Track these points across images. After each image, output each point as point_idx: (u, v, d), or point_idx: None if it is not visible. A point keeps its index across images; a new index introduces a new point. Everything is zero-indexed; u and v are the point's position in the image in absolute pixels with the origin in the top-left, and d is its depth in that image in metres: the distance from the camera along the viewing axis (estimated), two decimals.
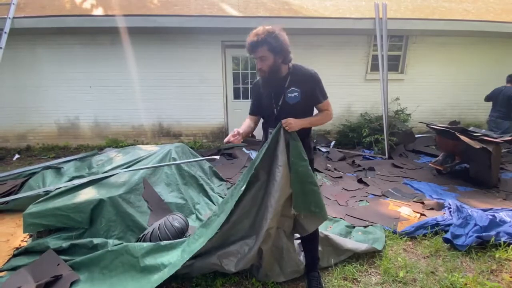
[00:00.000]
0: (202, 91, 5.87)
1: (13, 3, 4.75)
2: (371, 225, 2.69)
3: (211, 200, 3.16)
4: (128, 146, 4.39)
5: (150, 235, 2.15)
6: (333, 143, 5.97)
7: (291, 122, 1.67)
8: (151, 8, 5.44)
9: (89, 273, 1.90)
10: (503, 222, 2.44)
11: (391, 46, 6.09)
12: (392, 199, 3.32)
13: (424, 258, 2.26)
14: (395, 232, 2.57)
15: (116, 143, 5.82)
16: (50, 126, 5.84)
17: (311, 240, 1.94)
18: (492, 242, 2.28)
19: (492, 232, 2.33)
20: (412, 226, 2.59)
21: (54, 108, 5.74)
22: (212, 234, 1.75)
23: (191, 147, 4.29)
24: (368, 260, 2.20)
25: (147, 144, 5.73)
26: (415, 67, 6.20)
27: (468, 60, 6.26)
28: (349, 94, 6.17)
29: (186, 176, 3.19)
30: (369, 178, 4.03)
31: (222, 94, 5.96)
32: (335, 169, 4.51)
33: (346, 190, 3.64)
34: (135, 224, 2.37)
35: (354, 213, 2.95)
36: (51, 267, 1.93)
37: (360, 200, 3.31)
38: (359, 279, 2.01)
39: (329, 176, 4.16)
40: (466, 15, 5.82)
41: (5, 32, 4.47)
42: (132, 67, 5.63)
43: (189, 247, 1.82)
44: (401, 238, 2.49)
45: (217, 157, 4.50)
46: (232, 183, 3.71)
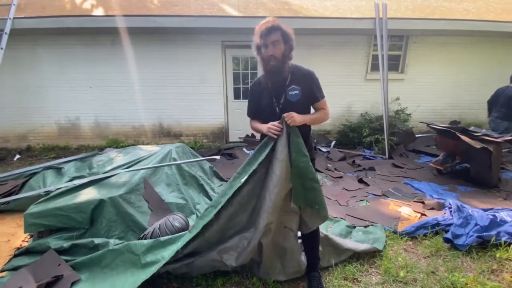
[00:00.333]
0: (202, 91, 5.88)
1: (13, 4, 4.76)
2: (372, 225, 2.69)
3: (212, 200, 3.16)
4: (129, 146, 4.39)
5: (151, 235, 2.15)
6: (333, 143, 5.97)
7: (294, 115, 1.68)
8: (151, 8, 5.45)
9: (90, 272, 1.90)
10: (503, 222, 2.44)
11: (391, 46, 6.09)
12: (392, 199, 3.32)
13: (425, 258, 2.26)
14: (395, 232, 2.57)
15: (116, 143, 5.82)
16: (50, 126, 5.85)
17: (312, 240, 1.94)
18: (493, 242, 2.28)
19: (493, 232, 2.33)
20: (412, 226, 2.59)
21: (54, 109, 5.75)
22: (207, 221, 1.77)
23: (191, 147, 4.29)
24: (369, 260, 2.21)
25: (147, 144, 5.74)
26: (415, 67, 6.20)
27: (468, 59, 6.26)
28: (349, 94, 6.17)
29: (186, 176, 3.19)
30: (369, 178, 4.03)
31: (222, 94, 5.97)
32: (335, 169, 4.51)
33: (347, 190, 3.64)
34: (136, 224, 2.38)
35: (354, 213, 2.95)
36: (52, 267, 1.93)
37: (361, 200, 3.31)
38: (359, 279, 2.01)
39: (329, 176, 4.16)
40: (467, 15, 5.82)
41: (5, 33, 4.48)
42: (133, 67, 5.64)
43: (187, 238, 1.83)
44: (401, 238, 2.49)
45: (217, 157, 4.51)
46: None
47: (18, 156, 5.39)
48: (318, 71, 1.83)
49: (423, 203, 3.14)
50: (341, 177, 4.15)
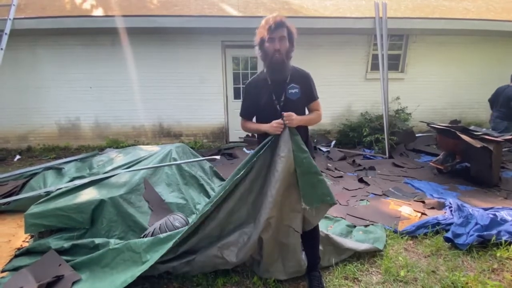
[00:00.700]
0: (202, 91, 5.88)
1: (13, 4, 4.76)
2: (372, 224, 2.69)
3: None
4: (129, 146, 4.39)
5: (151, 235, 2.15)
6: (333, 142, 5.97)
7: (293, 117, 1.70)
8: (151, 8, 5.45)
9: (90, 272, 1.91)
10: (504, 221, 2.44)
11: (391, 45, 6.08)
12: (392, 198, 3.32)
13: (425, 257, 2.26)
14: (396, 232, 2.57)
15: (116, 144, 5.83)
16: (51, 126, 5.85)
17: (313, 239, 1.94)
18: (493, 241, 2.28)
19: (493, 231, 2.33)
20: (413, 225, 2.59)
21: (54, 109, 5.75)
22: (206, 213, 1.79)
23: (191, 147, 4.29)
24: (369, 260, 2.21)
25: (147, 144, 5.73)
26: (416, 66, 6.20)
27: (468, 59, 6.25)
28: (349, 93, 6.17)
29: (186, 176, 3.19)
30: (369, 177, 4.03)
31: (222, 94, 5.97)
32: (335, 168, 4.51)
33: (347, 189, 3.64)
34: (136, 224, 2.38)
35: (355, 212, 2.95)
36: (53, 267, 1.93)
37: (361, 200, 3.31)
38: (360, 278, 2.01)
39: (329, 175, 4.16)
40: (466, 14, 5.82)
41: (5, 33, 4.48)
42: (133, 67, 5.64)
43: (186, 231, 1.84)
44: (402, 238, 2.49)
45: (217, 157, 4.51)
46: None
47: (18, 157, 5.39)
48: (318, 70, 1.85)
49: (423, 202, 3.14)
50: (341, 176, 4.15)
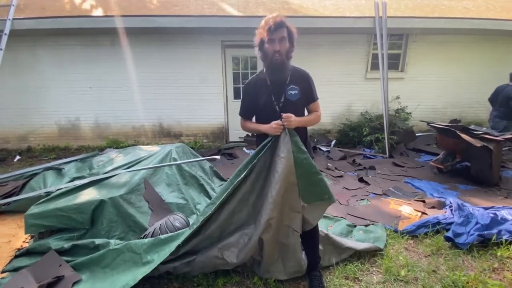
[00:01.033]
0: (202, 91, 5.88)
1: (12, 5, 4.76)
2: (372, 224, 2.69)
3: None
4: (129, 146, 4.39)
5: (151, 235, 2.15)
6: (333, 142, 5.96)
7: (291, 119, 1.69)
8: (151, 8, 5.45)
9: (90, 272, 1.91)
10: (504, 220, 2.43)
11: (391, 45, 6.08)
12: (393, 198, 3.32)
13: (426, 256, 2.25)
14: (396, 231, 2.57)
15: (116, 144, 5.82)
16: (51, 127, 5.85)
17: (312, 239, 1.94)
18: (494, 240, 2.28)
19: (494, 230, 2.33)
20: (413, 224, 2.59)
21: (54, 109, 5.75)
22: (207, 216, 1.79)
23: (191, 147, 4.29)
24: (370, 259, 2.20)
25: (147, 144, 5.73)
26: (415, 65, 6.19)
27: (468, 58, 6.25)
28: (349, 93, 6.17)
29: (186, 176, 3.19)
30: (370, 177, 4.03)
31: (222, 94, 5.96)
32: (335, 168, 4.51)
33: (347, 189, 3.64)
34: (136, 224, 2.38)
35: (355, 212, 2.95)
36: (53, 268, 1.93)
37: (361, 199, 3.31)
38: (360, 278, 2.01)
39: (329, 175, 4.16)
40: (466, 13, 5.81)
41: (5, 33, 4.48)
42: (132, 67, 5.63)
43: (188, 233, 1.84)
44: (402, 237, 2.49)
45: (217, 157, 4.51)
46: None
47: (18, 157, 5.39)
48: (318, 70, 1.85)
49: (423, 202, 3.14)
50: (341, 176, 4.14)
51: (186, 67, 5.75)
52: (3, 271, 2.07)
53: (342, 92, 6.12)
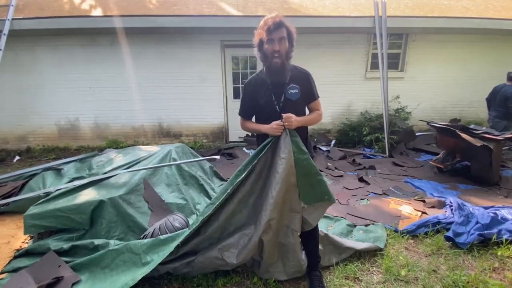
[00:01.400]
0: (202, 91, 5.87)
1: (11, 5, 4.74)
2: (372, 223, 2.69)
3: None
4: (128, 146, 4.39)
5: (151, 235, 2.14)
6: (333, 142, 5.96)
7: (292, 119, 1.68)
8: (150, 8, 5.44)
9: (90, 273, 1.90)
10: (504, 220, 2.43)
11: (391, 44, 6.08)
12: (393, 197, 3.31)
13: (426, 256, 2.25)
14: (396, 231, 2.56)
15: (116, 144, 5.82)
16: (50, 127, 5.84)
17: (312, 239, 1.94)
18: (494, 240, 2.28)
19: (494, 230, 2.33)
20: (413, 224, 2.58)
21: (54, 110, 5.74)
22: (207, 217, 1.79)
23: (191, 147, 4.28)
24: (370, 259, 2.20)
25: (147, 144, 5.73)
26: (415, 65, 6.19)
27: (468, 57, 6.24)
28: (349, 92, 6.16)
29: (186, 176, 3.18)
30: (370, 176, 4.03)
31: (222, 94, 5.96)
32: (335, 168, 4.51)
33: (347, 189, 3.63)
34: (136, 224, 2.37)
35: (355, 212, 2.95)
36: (52, 268, 1.92)
37: (361, 199, 3.31)
38: (360, 277, 2.01)
39: (329, 175, 4.15)
40: (466, 13, 5.81)
41: (4, 34, 4.47)
42: (132, 67, 5.63)
43: (187, 234, 1.84)
44: (402, 237, 2.48)
45: (217, 157, 4.50)
46: None
47: (17, 158, 5.38)
48: (318, 70, 1.85)
49: (423, 201, 3.14)
50: (341, 176, 4.14)
51: (186, 67, 5.74)
52: (2, 272, 2.06)
53: (342, 92, 6.11)
